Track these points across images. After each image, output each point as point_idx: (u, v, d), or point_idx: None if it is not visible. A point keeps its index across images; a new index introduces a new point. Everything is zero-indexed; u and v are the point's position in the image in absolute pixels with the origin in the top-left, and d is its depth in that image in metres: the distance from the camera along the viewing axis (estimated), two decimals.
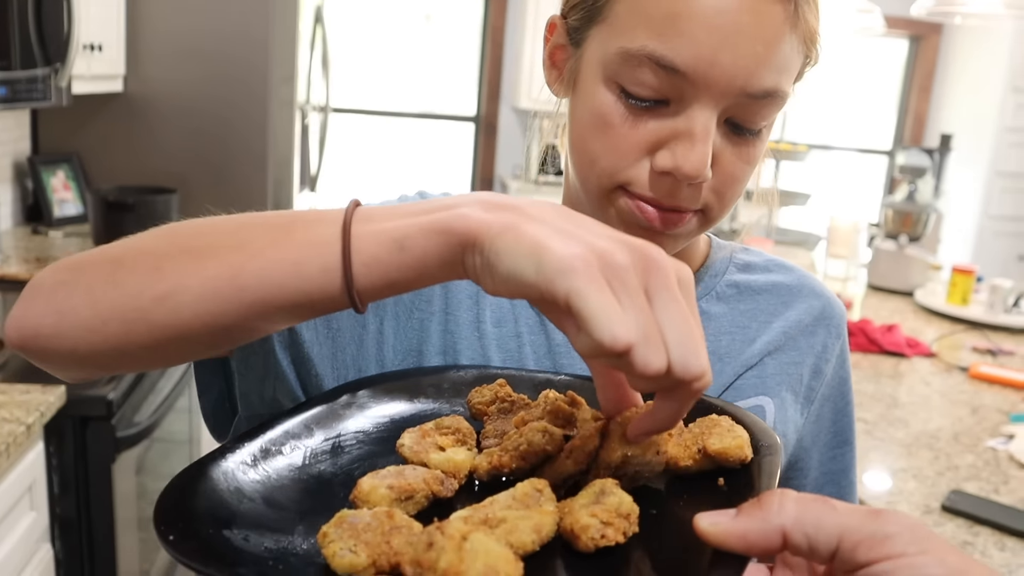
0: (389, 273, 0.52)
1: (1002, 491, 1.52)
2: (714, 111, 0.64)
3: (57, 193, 3.05)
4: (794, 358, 0.82)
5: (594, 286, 0.45)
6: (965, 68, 5.60)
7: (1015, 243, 5.44)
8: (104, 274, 0.56)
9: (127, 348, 0.56)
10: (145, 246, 0.57)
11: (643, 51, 0.63)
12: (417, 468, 0.57)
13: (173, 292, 0.54)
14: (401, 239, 0.51)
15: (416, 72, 5.52)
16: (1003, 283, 2.72)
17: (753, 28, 0.62)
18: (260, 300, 0.53)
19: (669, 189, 0.67)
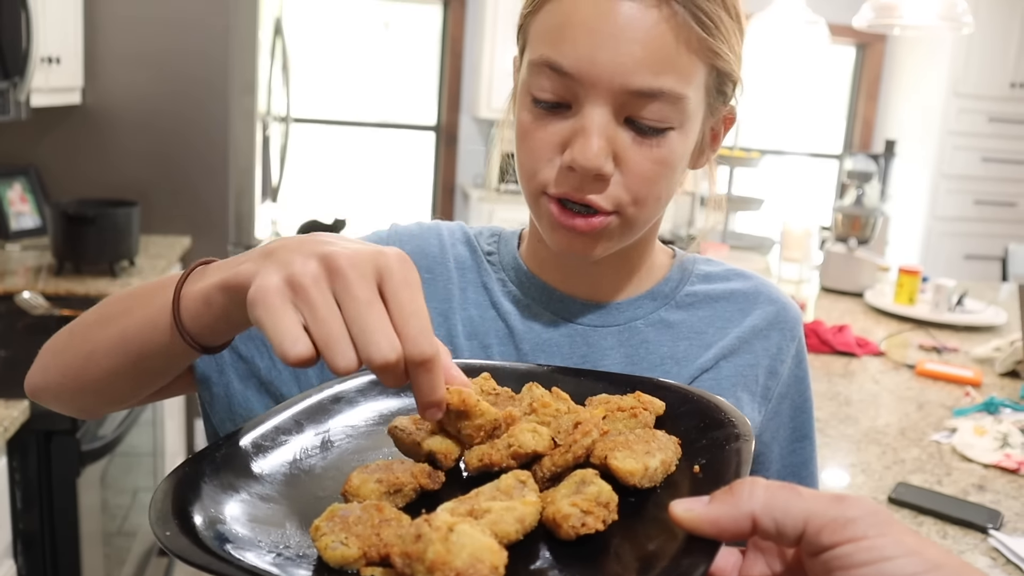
0: (208, 324, 0.63)
1: (945, 482, 1.59)
2: (605, 108, 0.71)
3: (14, 206, 3.03)
4: (749, 360, 0.87)
5: (271, 313, 0.52)
6: (909, 75, 5.75)
7: (961, 243, 5.60)
8: (63, 342, 0.76)
9: (85, 392, 0.75)
10: (88, 317, 0.75)
11: (540, 59, 0.73)
12: (405, 462, 0.59)
13: (92, 352, 0.72)
14: (206, 296, 0.62)
15: (376, 81, 5.54)
16: (947, 283, 2.82)
17: (630, 31, 0.69)
18: (140, 352, 0.69)
19: (576, 184, 0.73)
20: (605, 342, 0.84)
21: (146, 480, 2.55)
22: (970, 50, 5.26)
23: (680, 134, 0.74)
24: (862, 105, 6.05)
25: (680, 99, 0.72)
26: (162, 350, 0.67)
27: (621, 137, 0.72)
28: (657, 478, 0.56)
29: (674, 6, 0.70)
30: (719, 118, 0.82)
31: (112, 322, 0.71)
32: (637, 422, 0.64)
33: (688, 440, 0.62)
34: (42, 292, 2.40)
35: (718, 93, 0.78)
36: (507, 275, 0.88)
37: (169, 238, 3.24)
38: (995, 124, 5.45)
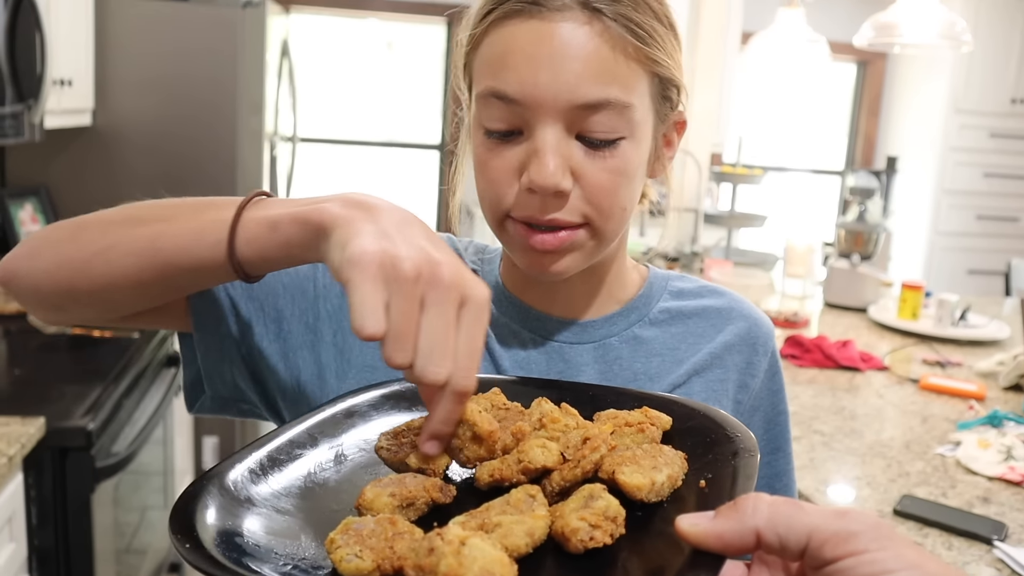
0: (264, 250, 0.66)
1: (950, 495, 1.61)
2: (555, 127, 0.73)
3: (25, 226, 3.06)
4: (719, 376, 0.88)
5: (368, 281, 0.55)
6: (911, 91, 5.79)
7: (964, 258, 5.62)
8: (69, 232, 0.73)
9: (74, 290, 0.72)
10: (105, 215, 0.73)
11: (486, 90, 0.75)
12: (417, 476, 0.60)
13: (109, 248, 0.70)
14: (275, 223, 0.65)
15: (380, 101, 5.59)
16: (950, 298, 2.84)
17: (567, 50, 0.71)
18: (169, 261, 0.68)
19: (539, 205, 0.75)
20: (580, 359, 0.86)
21: (155, 498, 2.56)
22: (971, 66, 5.29)
23: (632, 143, 0.76)
24: (864, 122, 6.09)
25: (626, 108, 0.74)
26: (196, 264, 0.68)
27: (575, 153, 0.74)
28: (664, 492, 0.58)
29: (606, 21, 0.72)
30: (670, 124, 0.83)
31: (144, 224, 0.70)
32: (644, 437, 0.65)
33: (694, 455, 0.63)
34: None
35: (664, 99, 0.79)
36: None
37: None
38: (996, 140, 5.48)
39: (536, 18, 0.72)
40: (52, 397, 1.91)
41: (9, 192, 3.04)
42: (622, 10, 0.73)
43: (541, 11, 0.72)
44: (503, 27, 0.74)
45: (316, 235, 0.62)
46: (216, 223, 0.67)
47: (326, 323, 0.85)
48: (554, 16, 0.72)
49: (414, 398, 0.75)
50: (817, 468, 1.71)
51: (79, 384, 2.00)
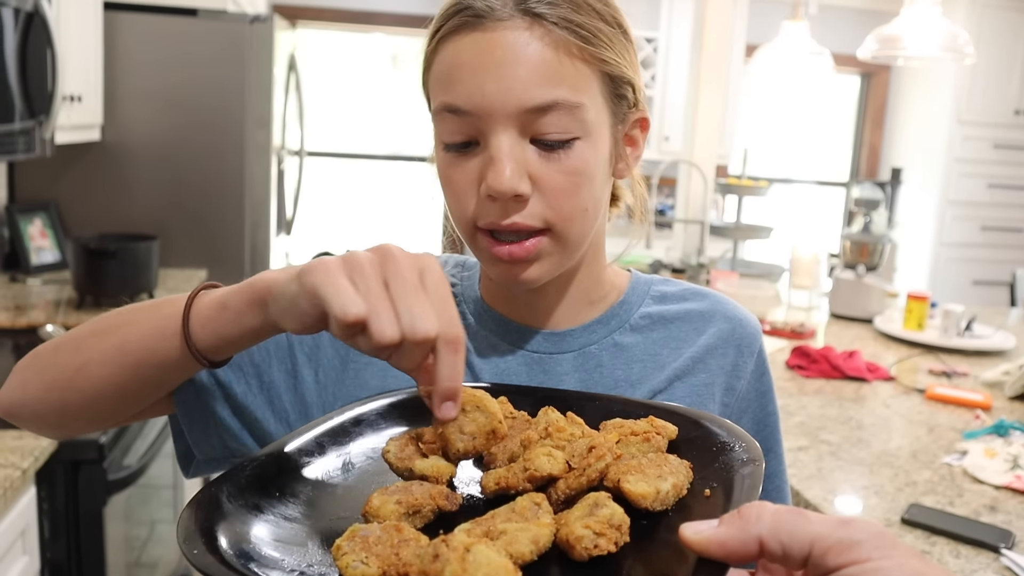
0: (219, 330, 0.69)
1: (957, 503, 1.62)
2: (508, 133, 0.74)
3: (34, 241, 3.09)
4: (704, 379, 0.88)
5: (331, 278, 0.58)
6: (914, 103, 5.80)
7: (968, 268, 5.62)
8: (48, 356, 0.78)
9: (68, 409, 0.77)
10: (76, 333, 0.77)
11: (440, 106, 0.77)
12: (424, 484, 0.61)
13: (86, 363, 0.74)
14: (223, 301, 0.69)
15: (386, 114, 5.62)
16: (955, 308, 2.85)
17: (510, 57, 0.73)
18: (139, 362, 0.72)
19: (499, 210, 0.76)
20: (560, 368, 0.86)
21: (164, 512, 2.57)
22: (974, 78, 5.31)
23: (587, 143, 0.76)
24: (868, 133, 6.10)
25: (576, 107, 0.74)
26: (163, 360, 0.72)
27: (530, 157, 0.75)
28: (669, 501, 0.58)
29: (547, 25, 0.73)
30: (630, 122, 0.83)
31: (111, 333, 0.74)
32: (650, 446, 0.65)
33: (700, 464, 0.63)
34: (63, 325, 2.45)
35: (618, 98, 0.80)
36: (467, 307, 0.90)
37: (186, 271, 3.29)
38: (1000, 151, 5.49)
39: (479, 30, 0.74)
40: None
41: (19, 207, 3.07)
42: (563, 13, 0.74)
43: (483, 23, 0.74)
44: (449, 43, 0.76)
45: (263, 297, 0.65)
46: (172, 317, 0.71)
47: (305, 366, 0.85)
48: (496, 26, 0.73)
49: (421, 407, 0.74)
50: (825, 478, 1.72)
51: None
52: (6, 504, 1.58)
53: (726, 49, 3.79)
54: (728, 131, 5.42)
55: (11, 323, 2.50)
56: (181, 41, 3.21)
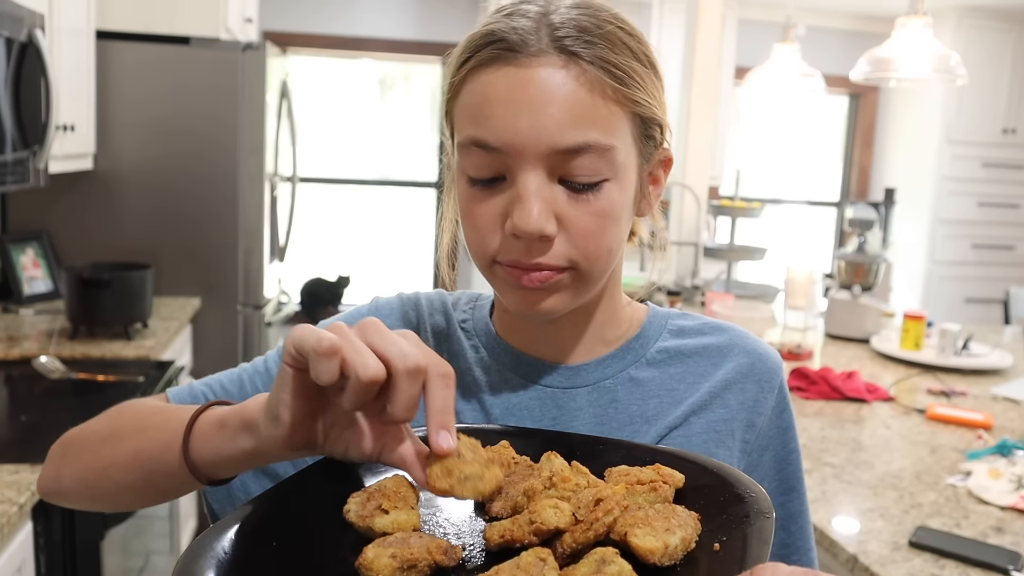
0: (217, 448, 0.70)
1: (964, 525, 1.61)
2: (537, 172, 0.72)
3: (27, 271, 3.06)
4: (723, 415, 0.85)
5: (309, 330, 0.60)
6: (903, 122, 5.85)
7: (961, 287, 5.65)
8: (76, 453, 0.81)
9: (97, 500, 0.82)
10: (98, 429, 0.81)
11: (467, 140, 0.75)
12: (422, 536, 0.59)
13: (107, 468, 0.77)
14: (222, 420, 0.70)
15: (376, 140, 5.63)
16: (952, 327, 2.85)
17: (545, 96, 0.71)
18: (153, 471, 0.74)
19: (524, 249, 0.74)
20: (574, 403, 0.84)
21: (160, 543, 2.54)
22: (962, 97, 5.36)
23: (616, 184, 0.75)
24: (858, 153, 6.15)
25: (608, 150, 0.73)
26: (171, 472, 0.73)
27: (558, 197, 0.73)
28: (677, 556, 0.57)
29: (583, 64, 0.72)
30: (655, 162, 0.82)
31: (127, 439, 0.77)
32: (657, 496, 0.64)
33: (707, 515, 0.61)
34: (57, 356, 2.43)
35: (647, 139, 0.78)
36: (479, 340, 0.88)
37: (179, 300, 3.27)
38: (989, 169, 5.54)
39: (512, 64, 0.72)
40: None
41: (11, 237, 3.05)
42: (599, 52, 0.72)
43: (517, 57, 0.72)
44: (480, 75, 0.74)
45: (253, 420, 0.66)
46: (178, 431, 0.72)
47: None
48: (531, 62, 0.71)
49: None
50: (829, 501, 1.71)
51: None
52: (2, 540, 1.56)
53: (716, 72, 3.82)
54: (720, 153, 5.45)
55: (4, 354, 2.47)
56: (173, 69, 3.21)
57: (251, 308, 3.38)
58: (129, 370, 2.42)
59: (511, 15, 0.74)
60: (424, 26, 5.30)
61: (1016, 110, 5.47)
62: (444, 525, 0.66)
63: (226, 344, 3.36)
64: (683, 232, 3.81)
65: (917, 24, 2.58)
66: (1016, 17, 5.33)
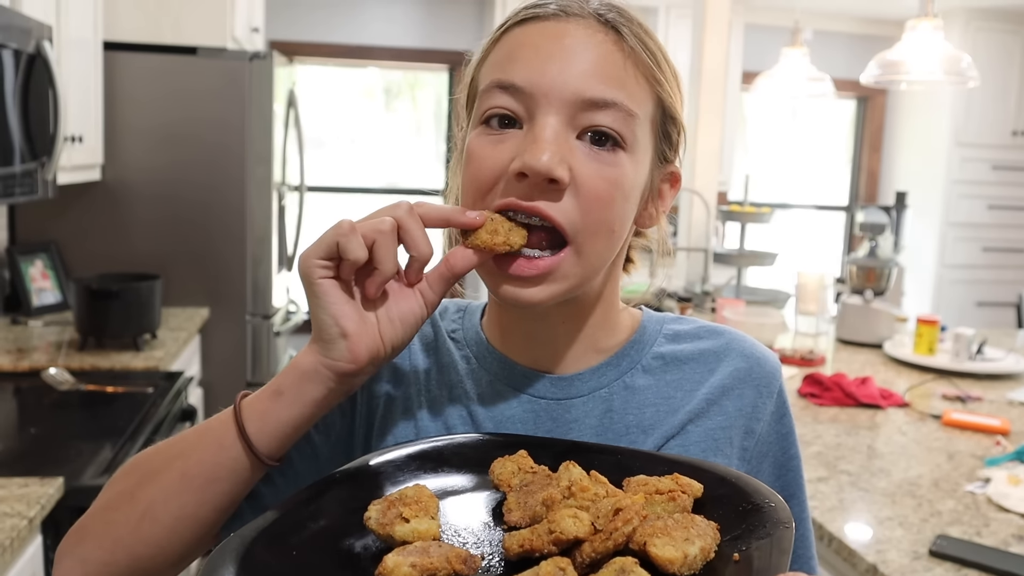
0: (283, 417, 0.71)
1: (984, 533, 1.58)
2: (557, 117, 0.70)
3: (36, 283, 3.06)
4: (721, 422, 0.82)
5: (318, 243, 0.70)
6: (912, 126, 5.83)
7: (972, 290, 5.62)
8: (100, 522, 0.74)
9: (139, 564, 0.73)
10: (120, 486, 0.75)
11: (491, 83, 0.74)
12: (442, 545, 0.59)
13: (149, 508, 0.72)
14: (276, 390, 0.72)
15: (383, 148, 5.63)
16: (966, 332, 2.83)
17: (579, 49, 0.72)
18: (208, 481, 0.72)
19: (526, 191, 0.70)
20: (569, 415, 0.81)
21: None
22: (971, 100, 5.34)
23: (631, 159, 0.73)
24: (866, 157, 6.12)
25: (631, 116, 0.72)
26: (229, 472, 0.72)
27: (575, 150, 0.71)
28: (696, 566, 0.56)
29: (623, 31, 0.73)
30: (665, 173, 0.80)
31: (165, 470, 0.73)
32: (676, 506, 0.63)
33: (726, 525, 0.61)
34: (66, 367, 2.42)
35: (664, 135, 0.77)
36: (470, 351, 0.86)
37: (188, 310, 3.27)
38: (999, 172, 5.51)
39: (551, 20, 0.73)
40: (69, 456, 1.89)
41: (19, 249, 3.05)
42: (636, 31, 0.74)
43: (559, 16, 0.73)
44: (515, 31, 0.75)
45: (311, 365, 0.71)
46: (224, 427, 0.72)
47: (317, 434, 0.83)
48: (570, 20, 0.73)
49: (439, 458, 0.74)
50: (847, 509, 1.69)
51: (95, 441, 1.98)
52: (13, 555, 1.54)
53: (724, 77, 3.80)
54: (728, 158, 5.44)
55: (13, 366, 2.47)
56: (181, 80, 3.21)
57: (260, 318, 3.38)
58: (138, 381, 2.41)
59: None
60: (430, 34, 5.30)
61: None
62: (463, 534, 0.66)
63: (235, 354, 3.36)
64: (692, 238, 3.80)
65: (927, 26, 2.56)
66: None
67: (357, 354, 0.70)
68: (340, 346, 0.70)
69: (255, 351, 3.38)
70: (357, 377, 0.72)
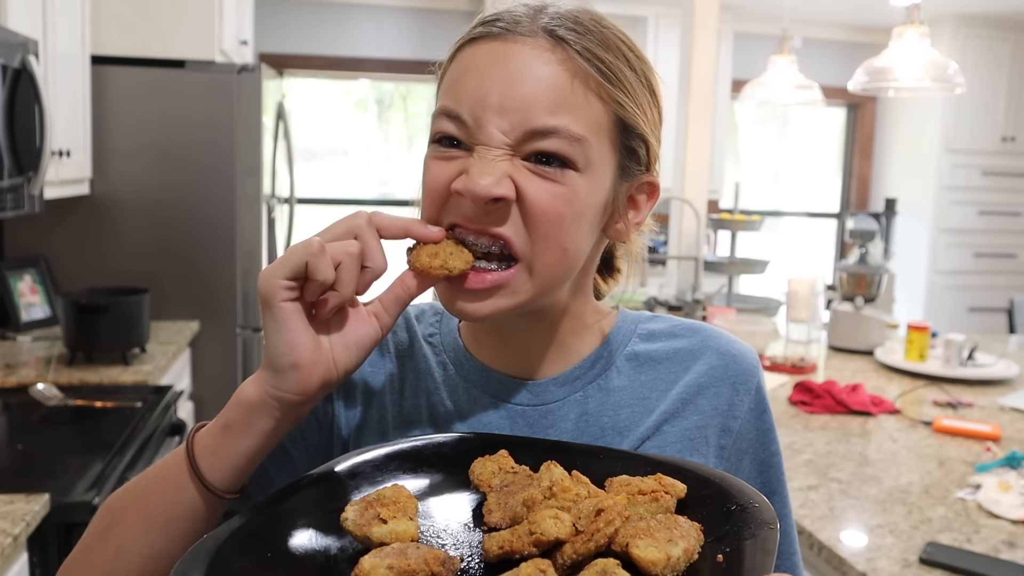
0: (234, 451, 0.70)
1: (975, 540, 1.58)
2: (500, 144, 0.70)
3: (24, 297, 3.05)
4: (697, 422, 0.82)
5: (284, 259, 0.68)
6: (902, 132, 5.85)
7: (964, 296, 5.63)
8: (80, 563, 0.75)
9: None
10: (94, 527, 0.76)
11: (439, 109, 0.73)
12: (420, 547, 0.59)
13: (119, 549, 0.73)
14: (225, 425, 0.70)
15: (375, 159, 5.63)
16: (956, 338, 2.83)
17: (520, 72, 0.70)
18: (168, 520, 0.71)
19: (471, 212, 0.71)
20: (546, 420, 0.81)
21: None
22: (960, 106, 5.36)
23: (583, 178, 0.71)
24: (857, 164, 6.14)
25: (578, 140, 0.70)
26: (186, 510, 0.71)
27: (521, 169, 0.70)
28: (679, 567, 0.56)
29: (569, 51, 0.71)
30: (637, 184, 0.78)
31: (130, 509, 0.74)
32: (659, 506, 0.63)
33: (710, 526, 0.61)
34: (55, 383, 2.41)
35: (628, 152, 0.76)
36: (447, 356, 0.85)
37: (178, 323, 3.25)
38: (989, 177, 5.53)
39: (499, 40, 0.72)
40: (56, 472, 1.88)
41: (8, 264, 3.04)
42: (588, 45, 0.71)
43: (505, 35, 0.72)
44: (467, 49, 0.74)
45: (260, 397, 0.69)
46: (179, 464, 0.71)
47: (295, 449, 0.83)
48: (517, 39, 0.71)
49: (418, 458, 0.73)
50: (837, 517, 1.68)
51: (83, 456, 1.96)
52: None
53: (713, 85, 3.81)
54: (719, 166, 5.45)
55: (1, 382, 2.45)
56: (169, 93, 3.21)
57: (250, 331, 3.37)
58: (127, 396, 2.40)
59: (513, 6, 0.74)
60: (421, 44, 5.30)
61: (1015, 118, 5.46)
62: (442, 536, 0.66)
63: (226, 367, 3.34)
64: (683, 246, 3.80)
65: (913, 34, 2.57)
66: (1012, 26, 5.34)
67: (307, 386, 0.69)
68: (290, 377, 0.68)
69: (246, 364, 3.37)
70: (306, 406, 0.71)
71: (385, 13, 5.28)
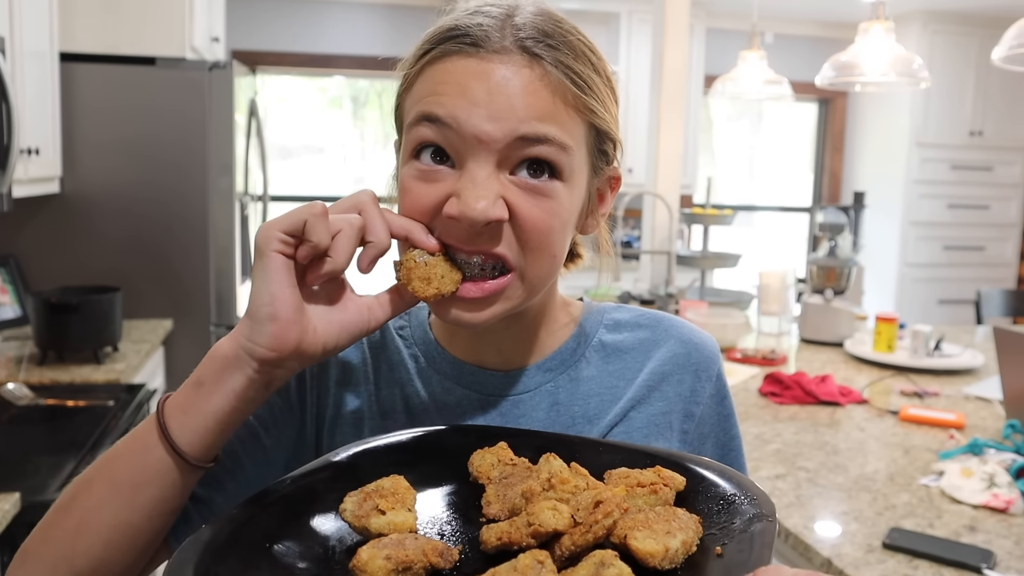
0: (205, 409, 0.68)
1: (937, 525, 1.61)
2: (489, 160, 0.70)
3: None
4: (661, 408, 0.85)
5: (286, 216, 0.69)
6: (872, 127, 5.91)
7: (934, 288, 5.69)
8: (40, 540, 0.73)
9: None
10: (58, 503, 0.73)
11: (418, 115, 0.72)
12: (418, 538, 0.59)
13: (83, 519, 0.70)
14: (197, 380, 0.69)
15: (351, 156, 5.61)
16: (923, 329, 2.87)
17: (503, 87, 0.69)
18: (135, 486, 0.69)
19: (465, 234, 0.71)
20: (517, 410, 0.83)
21: None
22: (929, 101, 5.42)
23: (567, 188, 0.73)
24: (829, 158, 6.20)
25: (565, 148, 0.71)
26: (155, 475, 0.69)
27: (511, 186, 0.71)
28: (678, 559, 0.56)
29: (546, 66, 0.70)
30: (604, 179, 0.81)
31: (96, 478, 0.71)
32: (657, 499, 0.63)
33: (708, 518, 0.61)
34: (25, 382, 2.39)
35: (600, 153, 0.77)
36: (418, 349, 0.86)
37: (151, 322, 3.24)
38: (958, 171, 5.60)
39: (474, 57, 0.70)
40: (27, 471, 1.87)
41: None
42: (561, 57, 0.71)
43: (479, 51, 0.70)
44: (439, 64, 0.72)
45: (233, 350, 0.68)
46: (148, 429, 0.70)
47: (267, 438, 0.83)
48: (492, 57, 0.70)
49: (417, 450, 0.74)
50: (804, 505, 1.71)
51: (54, 456, 1.96)
52: None
53: (685, 81, 3.84)
54: (691, 161, 5.48)
55: None
56: (140, 90, 3.19)
57: (224, 328, 3.36)
58: (99, 395, 2.39)
59: (473, 14, 0.73)
60: (395, 41, 5.30)
61: (982, 113, 5.53)
62: (440, 527, 0.66)
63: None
64: (656, 241, 3.83)
65: (879, 29, 2.61)
66: (979, 21, 5.40)
67: (282, 342, 0.67)
68: (267, 329, 0.67)
69: None
70: (278, 368, 0.69)
71: (358, 9, 5.27)
